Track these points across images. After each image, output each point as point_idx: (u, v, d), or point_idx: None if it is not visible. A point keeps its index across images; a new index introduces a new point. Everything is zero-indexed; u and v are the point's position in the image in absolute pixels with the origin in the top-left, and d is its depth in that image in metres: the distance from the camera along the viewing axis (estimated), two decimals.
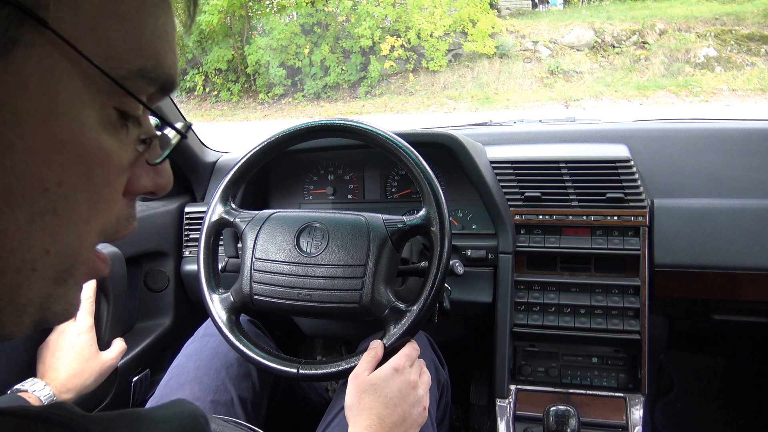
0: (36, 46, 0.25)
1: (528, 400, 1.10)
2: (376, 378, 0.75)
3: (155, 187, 0.35)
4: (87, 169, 0.28)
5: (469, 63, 9.72)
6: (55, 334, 0.89)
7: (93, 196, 0.29)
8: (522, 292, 1.14)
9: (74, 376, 0.84)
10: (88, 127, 0.27)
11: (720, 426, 1.51)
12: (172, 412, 0.34)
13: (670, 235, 1.08)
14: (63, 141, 0.26)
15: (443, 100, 9.20)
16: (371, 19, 9.74)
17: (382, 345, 0.82)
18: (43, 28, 0.25)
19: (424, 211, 0.87)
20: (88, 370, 0.86)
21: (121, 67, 0.28)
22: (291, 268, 0.89)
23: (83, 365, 0.86)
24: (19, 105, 0.24)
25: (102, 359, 0.90)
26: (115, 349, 0.94)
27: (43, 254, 0.27)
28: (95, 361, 0.88)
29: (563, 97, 8.49)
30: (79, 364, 0.86)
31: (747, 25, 8.77)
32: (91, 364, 0.87)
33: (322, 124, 0.97)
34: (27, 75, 0.25)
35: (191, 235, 1.33)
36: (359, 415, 0.71)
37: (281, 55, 10.22)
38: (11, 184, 0.25)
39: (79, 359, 0.86)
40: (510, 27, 9.91)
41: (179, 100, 10.31)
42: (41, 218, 0.27)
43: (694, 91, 8.02)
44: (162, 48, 0.30)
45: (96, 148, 0.28)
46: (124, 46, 0.28)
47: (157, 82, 0.31)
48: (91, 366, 0.87)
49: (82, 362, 0.86)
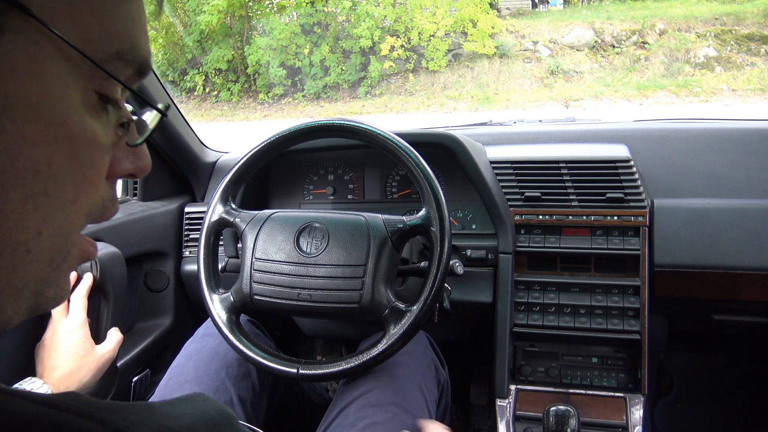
0: (21, 32, 0.26)
1: (528, 400, 1.10)
2: None
3: (135, 169, 0.36)
4: (73, 149, 0.29)
5: (469, 63, 9.72)
6: (49, 332, 0.89)
7: (79, 177, 0.30)
8: (522, 292, 1.14)
9: (71, 374, 0.84)
10: (73, 109, 0.29)
11: (720, 426, 1.51)
12: (192, 410, 0.33)
13: (670, 235, 1.08)
14: (51, 123, 0.28)
15: (443, 100, 9.20)
16: (370, 19, 9.74)
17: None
18: (27, 15, 0.26)
19: (424, 211, 0.87)
20: (84, 366, 0.86)
21: (100, 50, 0.29)
22: (291, 268, 0.89)
23: (79, 362, 0.86)
24: (8, 89, 0.26)
25: (98, 354, 0.89)
26: (111, 341, 0.93)
27: (36, 235, 0.29)
28: (91, 356, 0.88)
29: (563, 97, 8.49)
30: (75, 361, 0.85)
31: (747, 25, 8.77)
32: (87, 360, 0.87)
33: (322, 124, 0.97)
34: (14, 60, 0.26)
35: (191, 235, 1.33)
36: None
37: (281, 55, 10.22)
38: (5, 166, 0.26)
39: (74, 357, 0.86)
40: (510, 27, 9.91)
41: (179, 100, 10.31)
42: (33, 200, 0.28)
43: (694, 91, 8.02)
44: (136, 31, 0.32)
45: (81, 129, 0.29)
46: (101, 30, 0.29)
47: (134, 64, 0.32)
48: (87, 362, 0.87)
49: (77, 359, 0.86)
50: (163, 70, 10.20)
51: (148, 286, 1.29)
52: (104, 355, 0.90)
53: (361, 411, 0.84)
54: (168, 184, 1.38)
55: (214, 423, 0.33)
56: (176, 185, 1.41)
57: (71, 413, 0.27)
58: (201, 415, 0.33)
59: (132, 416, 0.29)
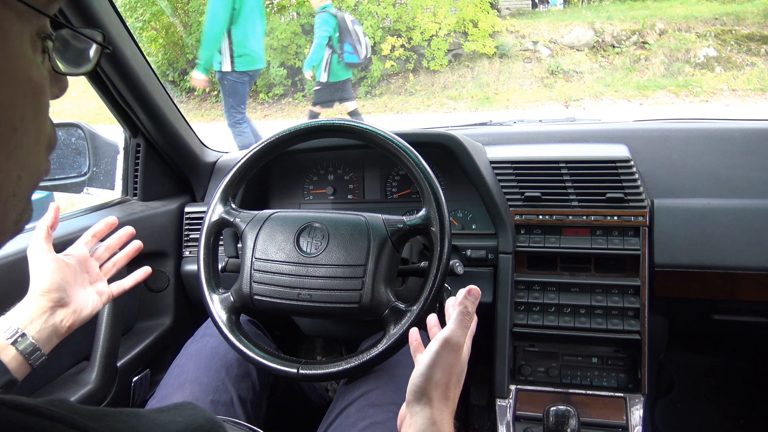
0: None
1: (528, 400, 1.10)
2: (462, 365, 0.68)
3: (59, 91, 0.38)
4: (36, 99, 0.32)
5: (469, 63, 9.72)
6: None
7: (39, 120, 0.33)
8: (522, 292, 1.14)
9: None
10: (31, 61, 0.31)
11: (720, 426, 1.51)
12: (180, 418, 0.33)
13: (670, 235, 1.08)
14: (19, 81, 0.30)
15: (443, 100, 9.19)
16: (372, 18, 9.73)
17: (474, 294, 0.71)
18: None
19: (424, 211, 0.87)
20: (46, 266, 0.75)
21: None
22: (291, 268, 0.89)
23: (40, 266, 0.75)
24: None
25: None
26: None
27: (18, 180, 0.32)
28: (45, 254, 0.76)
29: (563, 97, 8.48)
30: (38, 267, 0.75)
31: (747, 25, 8.77)
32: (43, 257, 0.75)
33: (322, 124, 0.97)
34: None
35: (191, 235, 1.33)
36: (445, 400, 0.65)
37: (282, 55, 10.21)
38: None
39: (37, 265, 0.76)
40: (510, 27, 9.91)
41: (179, 100, 10.30)
42: (14, 153, 0.31)
43: (694, 91, 8.01)
44: None
45: (40, 77, 0.32)
46: None
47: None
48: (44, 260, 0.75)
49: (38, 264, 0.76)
50: (163, 70, 10.18)
51: (148, 286, 1.29)
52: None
53: (362, 411, 0.84)
54: (168, 184, 1.38)
55: (203, 431, 0.33)
56: (176, 185, 1.41)
57: (53, 421, 0.26)
58: (189, 424, 0.33)
59: (118, 424, 0.28)
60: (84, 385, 0.97)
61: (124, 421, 0.29)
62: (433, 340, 0.66)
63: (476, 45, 9.50)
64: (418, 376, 0.63)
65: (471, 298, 0.69)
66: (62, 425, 0.26)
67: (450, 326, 0.66)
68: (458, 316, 0.67)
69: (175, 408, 0.35)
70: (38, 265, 0.75)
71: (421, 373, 0.63)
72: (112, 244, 0.88)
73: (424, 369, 0.63)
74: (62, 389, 0.96)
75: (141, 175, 1.29)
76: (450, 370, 0.64)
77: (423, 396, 0.62)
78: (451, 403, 0.64)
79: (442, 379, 0.63)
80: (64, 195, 2.86)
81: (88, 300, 0.79)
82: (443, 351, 0.64)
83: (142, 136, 1.26)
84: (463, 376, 0.68)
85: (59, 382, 0.99)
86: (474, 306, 0.69)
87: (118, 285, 0.86)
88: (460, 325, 0.66)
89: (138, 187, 1.30)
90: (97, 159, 1.24)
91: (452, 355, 0.64)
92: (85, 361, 1.02)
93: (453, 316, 0.67)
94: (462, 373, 0.67)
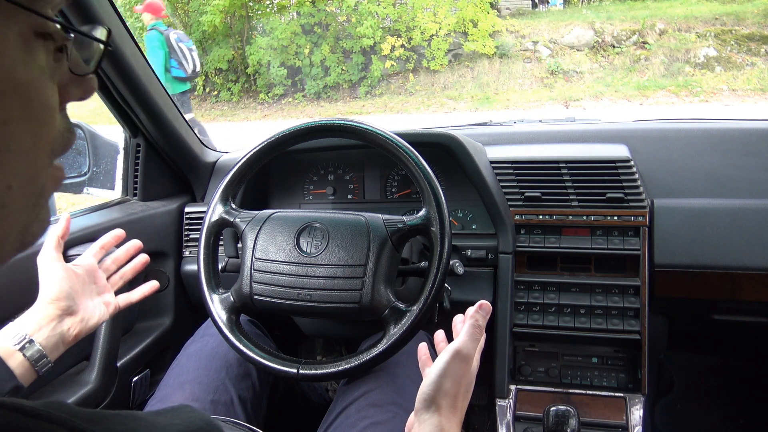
0: None
1: (528, 400, 1.10)
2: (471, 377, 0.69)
3: (83, 92, 0.36)
4: (25, 99, 0.29)
5: (469, 63, 9.72)
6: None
7: (34, 122, 0.30)
8: (522, 292, 1.14)
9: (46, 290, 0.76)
10: (16, 60, 0.29)
11: (720, 426, 1.51)
12: (178, 420, 0.33)
13: (670, 235, 1.08)
14: (3, 79, 0.28)
15: (443, 100, 9.19)
16: (372, 18, 9.74)
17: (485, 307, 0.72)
18: None
19: (424, 212, 0.87)
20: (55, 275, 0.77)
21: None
22: (291, 268, 0.89)
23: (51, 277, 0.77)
24: None
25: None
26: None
27: (8, 189, 0.29)
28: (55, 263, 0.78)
29: (563, 97, 8.49)
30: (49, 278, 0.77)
31: (747, 25, 8.77)
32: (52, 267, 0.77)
33: (322, 124, 0.97)
34: None
35: (191, 235, 1.33)
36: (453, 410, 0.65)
37: (282, 55, 10.21)
38: None
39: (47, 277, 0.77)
40: (510, 27, 9.91)
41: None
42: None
43: (694, 91, 8.01)
44: None
45: (28, 77, 0.29)
46: None
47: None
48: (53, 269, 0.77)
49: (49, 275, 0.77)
50: None
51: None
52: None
53: (362, 411, 0.84)
54: (168, 184, 1.38)
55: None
56: (176, 185, 1.41)
57: (53, 423, 0.26)
58: (187, 426, 0.33)
59: (116, 427, 0.28)
60: (84, 385, 0.97)
61: (122, 423, 0.29)
62: (444, 350, 0.68)
63: (476, 45, 9.50)
64: (428, 384, 0.65)
65: (482, 312, 0.71)
66: (62, 428, 0.26)
67: (461, 338, 0.68)
68: (469, 329, 0.68)
69: (172, 410, 0.35)
70: (48, 273, 0.77)
71: (431, 382, 0.64)
72: (120, 257, 0.90)
73: (434, 378, 0.65)
74: (62, 389, 0.96)
75: (141, 175, 1.29)
76: (459, 381, 0.65)
77: (432, 404, 0.63)
78: (459, 412, 0.66)
79: (452, 388, 0.64)
80: (64, 195, 2.87)
81: (95, 310, 0.80)
82: (454, 361, 0.65)
83: (142, 136, 1.26)
84: (472, 388, 0.69)
85: (59, 382, 0.99)
86: (485, 320, 0.71)
87: (125, 297, 0.87)
88: (471, 338, 0.68)
89: (138, 187, 1.30)
90: (97, 159, 1.24)
91: (462, 366, 0.66)
92: (85, 361, 1.02)
93: (464, 328, 0.69)
94: (471, 385, 0.69)
